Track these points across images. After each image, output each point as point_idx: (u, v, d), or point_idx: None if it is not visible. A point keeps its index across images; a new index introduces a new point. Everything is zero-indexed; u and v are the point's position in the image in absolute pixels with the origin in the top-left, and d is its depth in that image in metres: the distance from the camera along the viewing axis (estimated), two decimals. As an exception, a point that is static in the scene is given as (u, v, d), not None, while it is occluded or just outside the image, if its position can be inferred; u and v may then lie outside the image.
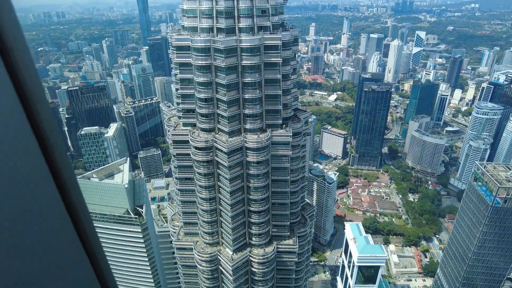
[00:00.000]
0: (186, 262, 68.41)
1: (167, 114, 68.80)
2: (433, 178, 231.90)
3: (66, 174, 1.22)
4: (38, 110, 1.19)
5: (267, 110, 57.64)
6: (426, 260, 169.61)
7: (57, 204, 1.18)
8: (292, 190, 63.42)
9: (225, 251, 63.93)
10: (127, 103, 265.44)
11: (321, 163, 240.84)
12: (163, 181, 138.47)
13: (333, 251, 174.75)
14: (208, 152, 57.92)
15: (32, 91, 1.17)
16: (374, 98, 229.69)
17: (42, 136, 1.15)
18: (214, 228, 63.96)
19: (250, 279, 65.27)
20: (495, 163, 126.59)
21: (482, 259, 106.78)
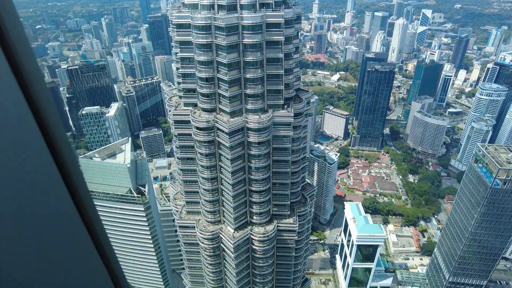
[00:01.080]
0: (188, 240, 69.83)
1: (168, 93, 68.33)
2: (433, 159, 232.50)
3: (65, 152, 1.19)
4: (35, 89, 1.18)
5: (269, 90, 57.13)
6: (424, 239, 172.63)
7: (57, 182, 1.17)
8: (293, 171, 63.83)
9: (226, 229, 65.13)
10: (127, 82, 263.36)
11: (322, 144, 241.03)
12: (165, 161, 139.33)
13: (332, 230, 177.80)
14: (210, 132, 57.93)
15: (28, 68, 1.16)
16: (377, 78, 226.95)
17: (40, 115, 1.13)
18: (216, 207, 64.88)
19: (251, 256, 66.82)
20: (497, 145, 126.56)
21: (479, 239, 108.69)
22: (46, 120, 1.15)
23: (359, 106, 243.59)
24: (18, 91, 1.07)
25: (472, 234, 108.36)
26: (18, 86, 1.11)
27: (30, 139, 1.07)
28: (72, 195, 1.24)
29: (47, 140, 1.13)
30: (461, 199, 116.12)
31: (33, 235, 1.16)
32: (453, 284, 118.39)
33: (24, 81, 1.15)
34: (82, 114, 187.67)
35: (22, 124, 1.06)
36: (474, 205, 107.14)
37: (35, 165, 1.06)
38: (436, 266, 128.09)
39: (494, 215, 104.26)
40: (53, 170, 1.14)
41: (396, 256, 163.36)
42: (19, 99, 1.09)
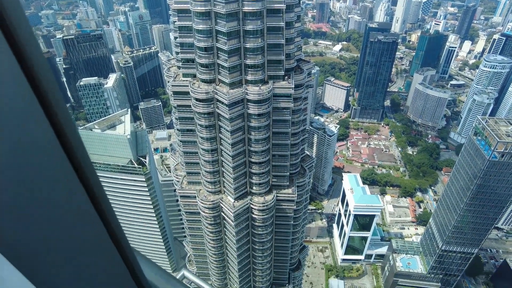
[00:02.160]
0: (189, 209, 71.52)
1: (166, 64, 67.25)
2: (433, 132, 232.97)
3: (63, 117, 1.15)
4: (30, 54, 1.13)
5: (269, 60, 56.18)
6: (420, 210, 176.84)
7: (56, 149, 1.13)
8: (293, 142, 64.19)
9: (227, 199, 66.55)
10: (125, 52, 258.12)
11: (322, 116, 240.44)
12: (165, 132, 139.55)
13: (330, 200, 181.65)
14: (209, 104, 57.64)
15: (25, 40, 1.12)
16: (380, 49, 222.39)
17: (36, 81, 1.09)
18: (216, 178, 65.88)
19: (250, 224, 68.76)
20: (497, 118, 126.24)
21: (473, 209, 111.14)
22: (45, 90, 1.12)
23: (361, 77, 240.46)
24: (15, 63, 1.05)
25: (467, 205, 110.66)
26: (15, 58, 1.07)
27: (29, 111, 1.05)
28: (72, 160, 1.20)
29: (46, 112, 1.10)
30: (458, 171, 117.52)
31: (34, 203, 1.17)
32: (445, 252, 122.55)
33: (21, 53, 1.10)
34: (80, 85, 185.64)
35: (20, 96, 1.04)
36: (471, 177, 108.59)
37: (35, 138, 1.05)
38: (430, 235, 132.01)
39: (489, 187, 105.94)
40: (53, 138, 1.12)
41: (392, 226, 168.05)
42: (17, 72, 1.07)
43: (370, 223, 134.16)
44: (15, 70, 1.05)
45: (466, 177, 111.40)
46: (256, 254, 72.73)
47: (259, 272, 76.13)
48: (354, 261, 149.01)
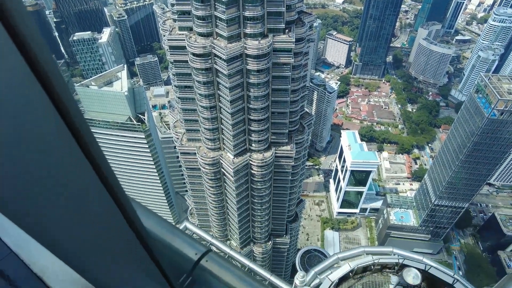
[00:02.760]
0: (190, 166, 72.89)
1: (161, 17, 64.41)
2: (434, 89, 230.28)
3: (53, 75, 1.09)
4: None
5: (269, 12, 53.77)
6: (416, 166, 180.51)
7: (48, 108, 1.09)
8: (292, 100, 63.64)
9: (226, 155, 67.56)
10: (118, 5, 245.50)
11: (323, 72, 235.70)
12: (163, 88, 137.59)
13: (328, 156, 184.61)
14: (207, 59, 56.17)
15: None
16: (384, 2, 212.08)
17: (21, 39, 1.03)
18: (216, 135, 66.27)
19: (249, 180, 70.58)
20: (501, 75, 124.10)
21: (468, 166, 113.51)
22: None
23: (363, 32, 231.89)
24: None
25: (462, 162, 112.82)
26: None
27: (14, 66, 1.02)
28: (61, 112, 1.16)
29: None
30: (456, 129, 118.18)
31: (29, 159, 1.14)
32: (437, 206, 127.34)
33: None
34: (73, 40, 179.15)
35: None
36: (469, 134, 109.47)
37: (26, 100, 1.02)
38: (424, 191, 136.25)
39: (485, 145, 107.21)
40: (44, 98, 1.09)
41: (388, 181, 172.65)
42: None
43: (366, 179, 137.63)
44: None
45: (464, 135, 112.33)
46: (255, 207, 75.54)
47: (258, 224, 79.64)
48: (349, 214, 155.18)
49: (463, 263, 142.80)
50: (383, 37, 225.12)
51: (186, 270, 2.96)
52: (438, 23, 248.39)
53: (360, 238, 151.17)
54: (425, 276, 22.88)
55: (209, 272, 2.99)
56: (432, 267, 22.96)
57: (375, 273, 24.05)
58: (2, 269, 2.82)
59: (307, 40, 60.83)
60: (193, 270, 2.99)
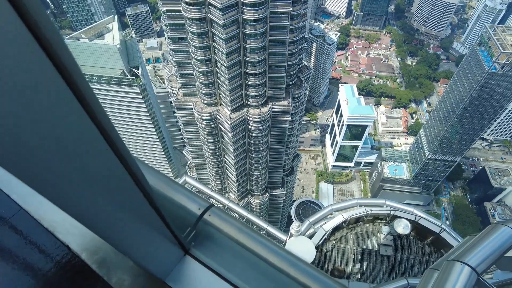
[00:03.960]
0: (187, 121, 72.70)
1: (151, -40, 59.99)
2: (436, 41, 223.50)
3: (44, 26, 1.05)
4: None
5: (266, -44, 50.26)
6: (412, 121, 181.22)
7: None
8: (290, 52, 61.83)
9: (223, 110, 67.14)
10: None
11: (323, 22, 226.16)
12: (156, 41, 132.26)
13: (325, 111, 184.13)
14: (201, 8, 53.37)
15: None
16: None
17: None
18: (212, 90, 65.22)
19: (247, 135, 70.98)
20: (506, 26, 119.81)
21: (463, 121, 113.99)
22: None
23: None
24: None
25: (458, 116, 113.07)
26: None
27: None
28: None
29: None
30: (455, 83, 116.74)
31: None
32: (431, 160, 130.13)
33: None
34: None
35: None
36: (467, 88, 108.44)
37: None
38: (419, 145, 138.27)
39: (483, 99, 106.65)
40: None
41: (383, 136, 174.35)
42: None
43: (362, 133, 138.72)
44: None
45: (462, 89, 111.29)
46: (252, 162, 76.88)
47: (255, 177, 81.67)
48: (344, 167, 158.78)
49: (450, 214, 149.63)
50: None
51: (190, 224, 3.12)
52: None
53: (354, 191, 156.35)
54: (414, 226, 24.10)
55: (211, 225, 3.16)
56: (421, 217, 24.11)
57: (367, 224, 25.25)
58: (15, 224, 2.96)
59: (307, -13, 57.59)
60: (196, 224, 3.15)
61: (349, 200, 26.19)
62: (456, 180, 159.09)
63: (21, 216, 2.96)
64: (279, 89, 67.11)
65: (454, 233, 23.43)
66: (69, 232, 2.92)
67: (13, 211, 2.98)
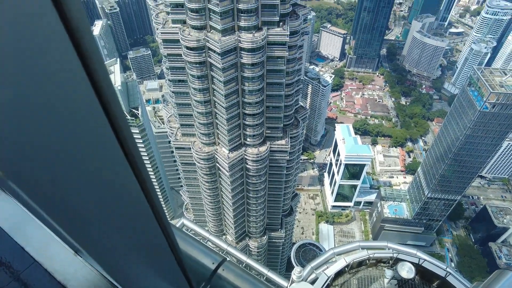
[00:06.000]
0: (185, 160, 72.56)
1: (154, 10, 63.44)
2: (427, 82, 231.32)
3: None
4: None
5: (263, 4, 53.20)
6: (410, 160, 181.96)
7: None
8: (287, 93, 63.42)
9: (221, 150, 67.30)
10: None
11: (318, 65, 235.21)
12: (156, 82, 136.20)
13: (322, 150, 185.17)
14: (201, 52, 55.57)
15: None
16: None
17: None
18: (210, 129, 65.90)
19: (245, 174, 70.52)
20: (493, 68, 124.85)
21: (460, 159, 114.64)
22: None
23: (358, 24, 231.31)
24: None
25: (454, 154, 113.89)
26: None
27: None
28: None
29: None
30: (449, 122, 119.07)
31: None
32: (431, 199, 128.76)
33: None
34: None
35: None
36: (461, 127, 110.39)
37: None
38: (417, 184, 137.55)
39: (478, 137, 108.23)
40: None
41: (382, 175, 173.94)
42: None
43: (360, 172, 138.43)
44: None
45: (456, 128, 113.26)
46: (250, 202, 75.64)
47: (253, 218, 79.87)
48: (344, 207, 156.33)
49: (455, 255, 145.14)
50: (377, 30, 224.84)
51: (205, 278, 3.16)
52: (431, 16, 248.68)
53: (355, 231, 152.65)
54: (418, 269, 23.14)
55: (226, 280, 3.19)
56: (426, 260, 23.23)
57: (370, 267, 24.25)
58: (26, 280, 2.83)
59: (302, 33, 60.47)
60: (211, 278, 3.18)
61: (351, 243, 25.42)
62: (458, 219, 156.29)
63: (35, 268, 2.95)
64: (276, 129, 67.89)
65: (460, 277, 22.44)
66: (82, 285, 2.87)
67: (27, 263, 2.96)
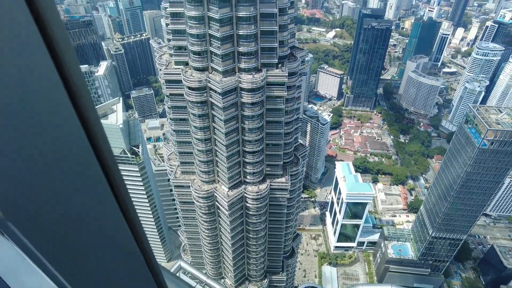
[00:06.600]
0: (183, 199, 71.44)
1: (157, 51, 65.93)
2: (425, 120, 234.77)
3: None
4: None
5: (263, 48, 55.37)
6: (411, 198, 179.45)
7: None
8: (286, 132, 64.01)
9: (221, 188, 66.50)
10: (115, 39, 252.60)
11: (316, 104, 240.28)
12: (158, 121, 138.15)
13: (323, 188, 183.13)
14: (202, 92, 56.88)
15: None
16: (373, 36, 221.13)
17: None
18: (210, 167, 65.63)
19: (244, 213, 69.04)
20: (488, 106, 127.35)
21: (463, 196, 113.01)
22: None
23: (354, 65, 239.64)
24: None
25: (457, 192, 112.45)
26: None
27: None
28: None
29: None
30: (449, 159, 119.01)
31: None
32: (435, 238, 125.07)
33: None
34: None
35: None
36: (461, 164, 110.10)
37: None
38: (421, 223, 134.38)
39: (479, 174, 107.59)
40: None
41: (384, 213, 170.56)
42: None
43: (362, 211, 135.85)
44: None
45: (457, 165, 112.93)
46: (250, 243, 73.30)
47: (253, 260, 76.93)
48: (347, 248, 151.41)
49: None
50: (373, 70, 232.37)
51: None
52: (425, 56, 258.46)
53: (359, 274, 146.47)
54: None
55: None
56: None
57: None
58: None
59: (300, 74, 62.27)
60: None
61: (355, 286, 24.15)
62: (466, 260, 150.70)
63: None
64: (276, 167, 67.60)
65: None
66: None
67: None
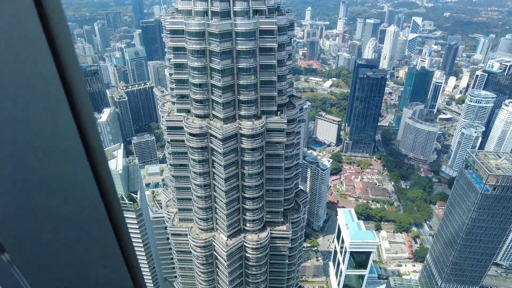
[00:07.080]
0: (180, 248, 68.91)
1: (160, 99, 67.91)
2: (425, 166, 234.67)
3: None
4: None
5: (262, 96, 57.15)
6: (417, 246, 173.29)
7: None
8: (286, 177, 63.66)
9: (219, 236, 64.43)
10: (120, 87, 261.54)
11: (315, 150, 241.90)
12: (157, 167, 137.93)
13: (325, 236, 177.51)
14: (203, 138, 57.57)
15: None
16: (369, 85, 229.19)
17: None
18: (209, 214, 64.23)
19: (244, 264, 66.12)
20: (486, 151, 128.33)
21: (470, 244, 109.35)
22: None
23: (351, 112, 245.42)
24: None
25: (463, 240, 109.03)
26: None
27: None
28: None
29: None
30: (452, 205, 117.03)
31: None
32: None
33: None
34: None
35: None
36: (465, 210, 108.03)
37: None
38: (428, 273, 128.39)
39: (485, 221, 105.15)
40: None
41: (389, 263, 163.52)
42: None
43: (367, 260, 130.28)
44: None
45: (461, 211, 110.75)
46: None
47: (253, 315, 72.13)
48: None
49: None
50: (370, 117, 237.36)
51: None
52: (421, 103, 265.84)
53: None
54: None
55: None
56: None
57: None
58: None
59: (298, 121, 63.53)
60: None
61: None
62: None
63: None
64: (277, 213, 66.17)
65: None
66: None
67: None
